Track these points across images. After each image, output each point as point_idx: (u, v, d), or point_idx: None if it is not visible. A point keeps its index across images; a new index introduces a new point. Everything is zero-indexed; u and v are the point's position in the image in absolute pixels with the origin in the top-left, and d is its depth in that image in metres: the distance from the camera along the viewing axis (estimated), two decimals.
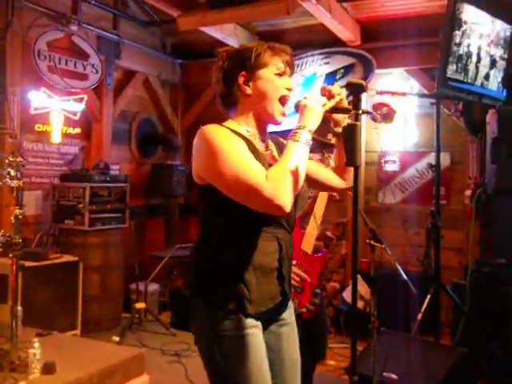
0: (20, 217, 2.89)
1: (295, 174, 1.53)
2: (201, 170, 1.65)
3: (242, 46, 1.82)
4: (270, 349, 1.73)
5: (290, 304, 1.86)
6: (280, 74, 1.73)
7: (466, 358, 3.10)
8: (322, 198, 2.78)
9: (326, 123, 1.82)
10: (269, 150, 1.80)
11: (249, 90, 1.73)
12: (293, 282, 2.54)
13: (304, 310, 2.63)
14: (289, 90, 1.75)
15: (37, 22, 4.70)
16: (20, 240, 2.86)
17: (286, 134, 1.69)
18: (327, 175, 1.96)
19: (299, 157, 1.56)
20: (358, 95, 1.44)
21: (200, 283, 1.71)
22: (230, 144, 1.59)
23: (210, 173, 1.61)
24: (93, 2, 5.17)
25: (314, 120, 1.63)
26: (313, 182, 1.95)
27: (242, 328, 1.62)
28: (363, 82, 1.43)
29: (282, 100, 1.73)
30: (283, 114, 1.75)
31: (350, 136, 1.42)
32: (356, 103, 1.44)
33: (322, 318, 2.95)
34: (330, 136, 2.05)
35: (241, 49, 1.79)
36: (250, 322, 1.63)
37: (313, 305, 2.67)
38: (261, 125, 1.78)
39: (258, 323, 1.67)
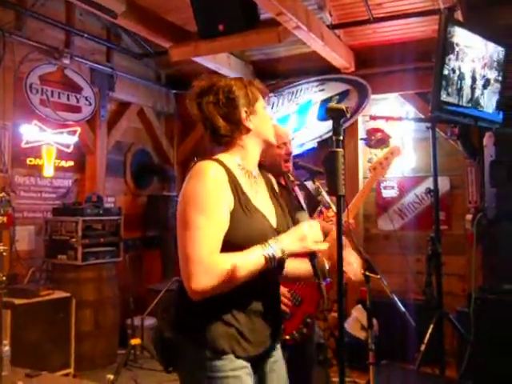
0: (5, 254, 2.82)
1: (235, 276, 1.48)
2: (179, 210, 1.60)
3: (226, 80, 1.73)
4: None
5: (278, 345, 1.82)
6: (264, 108, 1.77)
7: None
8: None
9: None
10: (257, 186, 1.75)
11: (251, 125, 1.70)
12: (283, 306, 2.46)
13: (287, 337, 2.49)
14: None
15: (29, 56, 4.69)
16: (4, 278, 2.78)
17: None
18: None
19: (251, 266, 1.52)
20: (339, 121, 1.36)
21: (188, 324, 1.64)
22: (208, 205, 1.54)
23: (179, 219, 1.58)
24: (86, 35, 5.18)
25: (294, 247, 1.60)
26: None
27: (232, 369, 1.58)
28: (343, 107, 1.35)
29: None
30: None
31: (331, 164, 1.34)
32: (336, 129, 1.36)
33: (307, 350, 2.73)
34: None
35: (234, 83, 1.70)
36: (240, 363, 1.60)
37: (300, 334, 2.54)
38: (254, 158, 1.75)
39: (248, 365, 1.63)
